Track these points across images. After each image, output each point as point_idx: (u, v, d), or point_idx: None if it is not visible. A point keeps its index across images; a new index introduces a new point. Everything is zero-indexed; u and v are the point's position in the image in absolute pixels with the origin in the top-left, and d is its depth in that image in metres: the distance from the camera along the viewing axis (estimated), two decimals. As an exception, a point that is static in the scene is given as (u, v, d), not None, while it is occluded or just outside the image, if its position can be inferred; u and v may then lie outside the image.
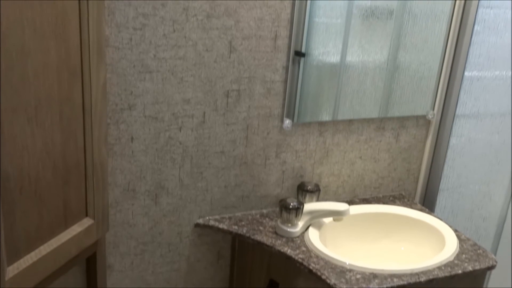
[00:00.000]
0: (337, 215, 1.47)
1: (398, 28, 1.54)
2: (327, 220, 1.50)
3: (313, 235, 1.43)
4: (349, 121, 1.60)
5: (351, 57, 1.51)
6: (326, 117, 1.56)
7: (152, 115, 1.36)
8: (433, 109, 1.69)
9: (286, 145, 1.54)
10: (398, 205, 1.68)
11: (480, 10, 1.62)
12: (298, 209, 1.43)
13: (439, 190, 1.78)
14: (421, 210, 1.64)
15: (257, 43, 1.40)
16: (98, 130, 1.16)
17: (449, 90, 1.67)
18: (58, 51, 1.01)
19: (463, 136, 1.78)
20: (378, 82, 1.58)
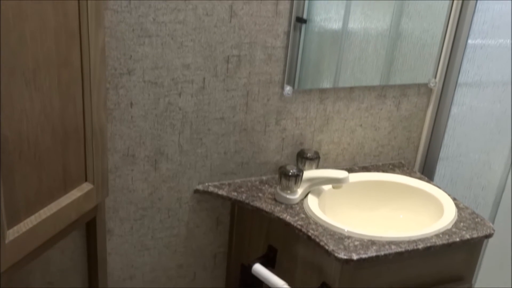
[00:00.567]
0: (336, 182, 1.48)
1: (401, -6, 1.52)
2: (326, 187, 1.51)
3: (312, 202, 1.44)
4: (350, 89, 1.59)
5: (353, 24, 1.49)
6: (327, 84, 1.55)
7: (151, 80, 1.35)
8: (435, 77, 1.68)
9: (286, 112, 1.54)
10: (397, 173, 1.68)
11: (486, -24, 1.59)
12: (298, 176, 1.43)
13: (439, 159, 1.78)
14: (420, 178, 1.65)
15: (258, 8, 1.38)
16: (97, 94, 1.15)
17: (452, 58, 1.66)
18: (56, 14, 1.00)
19: (464, 104, 1.77)
20: (380, 50, 1.56)
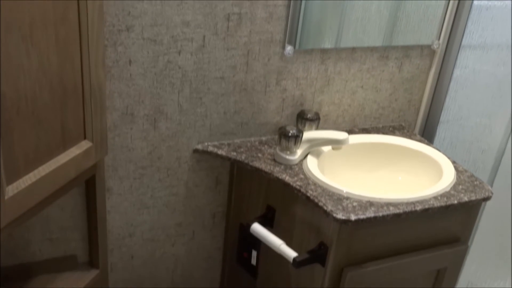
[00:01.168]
0: (336, 144, 1.47)
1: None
2: (326, 148, 1.51)
3: (311, 163, 1.44)
4: (352, 49, 1.57)
5: (357, -18, 1.46)
6: (328, 44, 1.53)
7: (150, 38, 1.33)
8: (439, 39, 1.65)
9: (287, 72, 1.52)
10: (397, 135, 1.68)
11: None
12: (297, 137, 1.43)
13: (439, 122, 1.78)
14: (420, 141, 1.64)
15: (260, -35, 1.35)
16: (95, 51, 1.14)
17: (456, 20, 1.63)
18: (52, -34, 0.97)
19: (467, 67, 1.75)
20: (384, 10, 1.53)
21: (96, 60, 1.14)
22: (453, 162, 1.53)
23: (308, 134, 1.47)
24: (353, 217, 1.25)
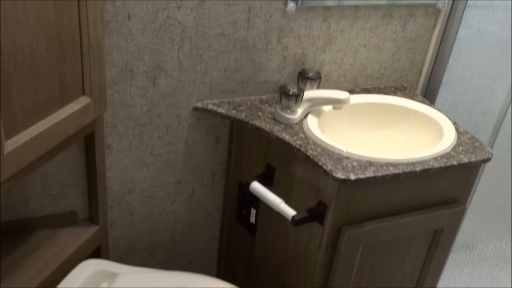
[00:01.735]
0: (337, 103, 1.46)
1: None
2: (327, 108, 1.50)
3: (311, 122, 1.43)
4: (356, 7, 1.54)
5: None
6: (331, 1, 1.50)
7: (150, -8, 1.30)
8: (444, -2, 1.62)
9: (288, 29, 1.49)
10: (399, 96, 1.66)
11: None
12: (298, 96, 1.41)
13: (442, 83, 1.76)
14: (421, 102, 1.63)
15: None
16: (93, 5, 1.12)
17: (463, -22, 1.60)
18: None
19: (472, 27, 1.72)
20: (389, -34, 1.50)
21: (94, 14, 1.12)
22: (454, 123, 1.52)
23: (309, 93, 1.46)
24: (352, 177, 1.25)
